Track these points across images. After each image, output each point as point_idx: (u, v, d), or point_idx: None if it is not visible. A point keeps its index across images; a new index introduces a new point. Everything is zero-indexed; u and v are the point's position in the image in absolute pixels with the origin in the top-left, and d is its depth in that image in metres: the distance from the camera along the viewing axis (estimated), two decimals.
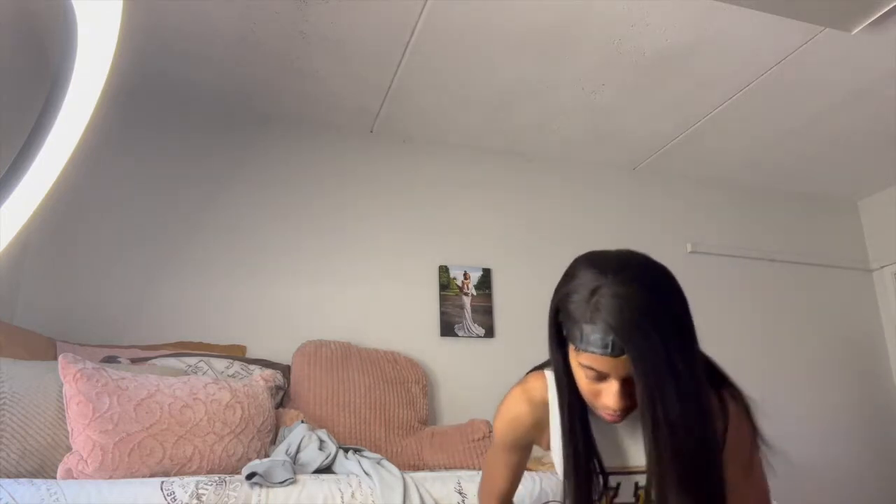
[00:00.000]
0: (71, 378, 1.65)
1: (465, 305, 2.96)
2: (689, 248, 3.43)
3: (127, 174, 2.66)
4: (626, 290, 0.96)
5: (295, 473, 1.63)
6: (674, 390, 0.94)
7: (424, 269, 2.97)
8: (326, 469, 1.82)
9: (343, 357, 2.51)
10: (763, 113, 2.95)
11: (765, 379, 3.32)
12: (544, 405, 1.19)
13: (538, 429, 1.21)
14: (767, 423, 3.12)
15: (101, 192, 2.58)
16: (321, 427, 2.14)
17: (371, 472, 1.70)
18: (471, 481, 1.73)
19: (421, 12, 2.28)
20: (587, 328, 0.96)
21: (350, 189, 2.98)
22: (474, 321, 2.94)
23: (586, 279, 1.00)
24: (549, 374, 1.18)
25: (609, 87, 2.74)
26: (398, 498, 1.62)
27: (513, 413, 1.22)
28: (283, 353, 2.53)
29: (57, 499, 1.38)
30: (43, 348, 2.08)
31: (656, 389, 0.94)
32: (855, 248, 3.83)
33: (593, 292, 0.97)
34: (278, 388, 2.28)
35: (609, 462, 1.14)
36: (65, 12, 0.63)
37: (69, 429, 1.63)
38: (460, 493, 1.67)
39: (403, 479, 1.69)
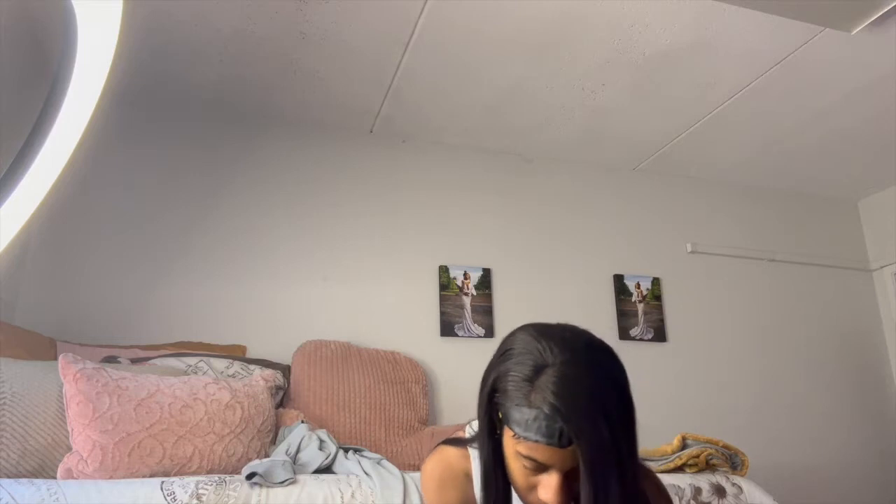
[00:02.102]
0: (71, 378, 1.65)
1: (465, 305, 2.96)
2: (689, 248, 3.43)
3: (127, 174, 2.66)
4: (576, 371, 0.87)
5: (295, 473, 1.63)
6: (618, 485, 0.85)
7: (424, 269, 2.97)
8: (326, 469, 1.82)
9: (343, 357, 2.52)
10: (763, 113, 2.95)
11: (764, 379, 3.32)
12: (468, 478, 1.09)
13: (468, 498, 1.09)
14: (767, 423, 3.14)
15: (101, 192, 2.58)
16: (321, 427, 2.14)
17: (371, 472, 1.70)
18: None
19: (421, 13, 2.28)
20: (530, 412, 0.86)
21: (350, 189, 2.98)
22: (474, 321, 2.94)
23: (529, 356, 0.90)
24: (474, 452, 1.07)
25: (609, 87, 2.74)
26: (398, 498, 1.62)
27: (437, 475, 1.11)
28: (283, 353, 2.53)
29: (57, 499, 1.38)
30: (43, 348, 2.08)
31: (602, 485, 0.84)
32: (855, 248, 3.83)
33: (538, 371, 0.88)
34: (278, 388, 2.28)
35: None
36: (65, 12, 0.63)
37: (69, 429, 1.63)
38: None
39: (403, 479, 1.69)
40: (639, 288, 3.24)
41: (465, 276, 3.00)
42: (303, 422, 2.06)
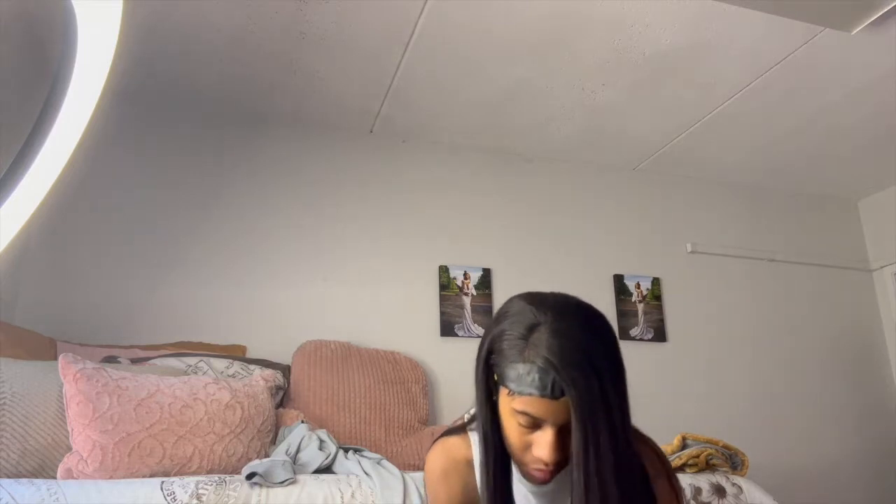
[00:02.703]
0: (71, 378, 1.65)
1: (465, 305, 2.96)
2: (689, 248, 3.43)
3: (127, 174, 2.66)
4: (567, 329, 0.91)
5: (295, 473, 1.63)
6: (608, 437, 0.88)
7: (424, 269, 2.97)
8: (326, 469, 1.82)
9: (343, 357, 2.52)
10: (763, 113, 2.95)
11: (764, 379, 3.32)
12: (468, 465, 1.11)
13: (469, 488, 1.11)
14: (767, 423, 3.14)
15: (101, 192, 2.58)
16: (321, 427, 2.14)
17: (371, 472, 1.70)
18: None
19: (421, 12, 2.28)
20: (524, 367, 0.89)
21: (350, 189, 2.98)
22: (474, 321, 2.94)
23: (522, 317, 0.94)
24: (473, 434, 1.10)
25: (609, 87, 2.74)
26: (398, 498, 1.62)
27: (439, 469, 1.13)
28: (283, 353, 2.53)
29: (57, 499, 1.38)
30: (43, 348, 2.08)
31: (593, 439, 0.87)
32: (855, 248, 3.83)
33: (531, 329, 0.91)
34: (278, 388, 2.28)
35: None
36: (65, 12, 0.63)
37: (69, 429, 1.63)
38: None
39: (403, 479, 1.69)
40: (639, 288, 3.24)
41: (465, 276, 3.00)
42: (303, 422, 2.06)
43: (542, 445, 0.92)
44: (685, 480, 1.91)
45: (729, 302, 3.40)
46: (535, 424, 0.92)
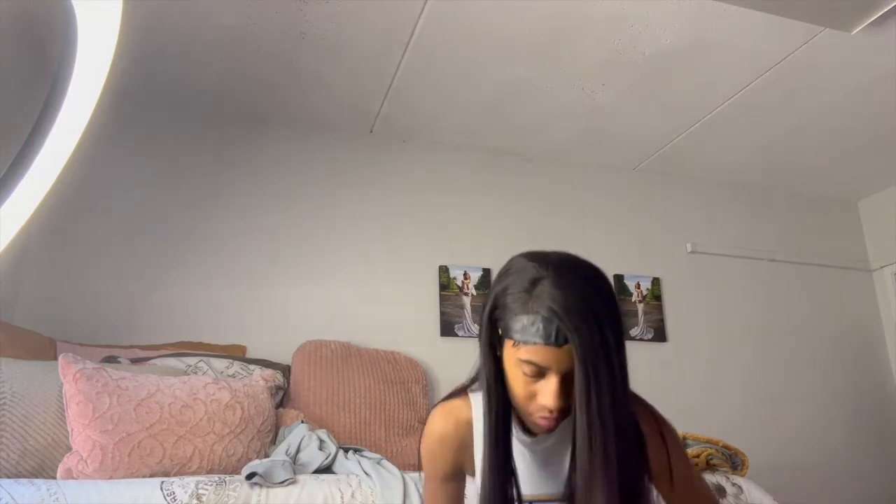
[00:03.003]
0: (71, 378, 1.65)
1: (465, 305, 2.96)
2: (689, 248, 3.43)
3: (127, 174, 2.66)
4: (568, 282, 0.95)
5: (295, 473, 1.63)
6: (608, 388, 0.92)
7: (424, 269, 2.97)
8: (326, 469, 1.82)
9: (343, 357, 2.51)
10: (763, 113, 2.95)
11: (764, 379, 3.32)
12: (468, 425, 1.14)
13: (465, 450, 1.15)
14: (768, 423, 3.13)
15: (101, 192, 2.58)
16: (321, 427, 2.14)
17: (371, 472, 1.70)
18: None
19: (420, 13, 2.28)
20: (528, 318, 0.94)
21: (350, 189, 2.97)
22: (474, 321, 2.94)
23: (525, 273, 0.98)
24: (474, 395, 1.14)
25: (609, 87, 2.74)
26: (398, 498, 1.62)
27: (438, 433, 1.16)
28: (283, 353, 2.53)
29: (57, 499, 1.38)
30: (43, 348, 2.08)
31: (594, 382, 0.92)
32: (855, 248, 3.83)
33: (534, 282, 0.96)
34: (278, 388, 2.28)
35: (526, 490, 1.08)
36: (65, 12, 0.63)
37: (69, 429, 1.63)
38: None
39: (403, 479, 1.69)
40: (639, 288, 3.24)
41: (465, 276, 3.00)
42: (303, 422, 2.06)
43: (547, 393, 0.96)
44: None
45: (729, 302, 3.40)
46: (539, 373, 0.96)
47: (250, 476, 1.56)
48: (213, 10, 2.24)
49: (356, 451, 1.91)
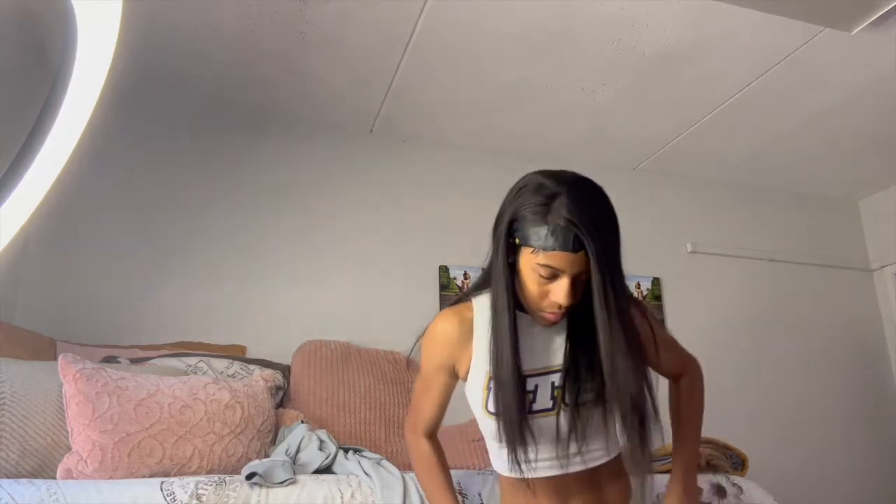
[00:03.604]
0: (71, 378, 1.65)
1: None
2: (689, 248, 3.43)
3: (127, 174, 2.66)
4: (583, 196, 1.13)
5: (295, 473, 1.63)
6: (618, 284, 1.13)
7: (424, 269, 2.97)
8: (326, 469, 1.82)
9: (343, 357, 2.51)
10: (763, 113, 2.95)
11: (765, 379, 3.32)
12: (470, 325, 1.30)
13: (463, 346, 1.30)
14: (768, 423, 3.11)
15: (100, 192, 2.58)
16: (321, 427, 2.14)
17: (371, 472, 1.70)
18: (471, 481, 1.73)
19: (420, 12, 2.28)
20: (547, 228, 1.10)
21: (350, 189, 2.97)
22: None
23: (542, 188, 1.13)
24: (477, 300, 1.31)
25: (609, 87, 2.74)
26: (398, 498, 1.62)
27: (443, 328, 1.32)
28: (283, 353, 2.52)
29: (57, 499, 1.38)
30: (43, 348, 2.08)
31: (609, 280, 1.10)
32: (855, 248, 3.83)
33: (552, 197, 1.11)
34: (278, 388, 2.27)
35: (526, 366, 1.22)
36: (65, 12, 0.63)
37: (69, 429, 1.63)
38: (461, 493, 1.67)
39: (403, 479, 1.69)
40: (639, 288, 3.24)
41: (465, 276, 3.00)
42: (303, 422, 2.06)
43: (559, 292, 1.13)
44: None
45: (729, 302, 3.40)
46: (553, 275, 1.13)
47: (250, 476, 1.56)
48: (214, 9, 2.24)
49: (356, 451, 1.91)
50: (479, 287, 1.33)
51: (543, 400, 1.25)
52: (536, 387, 1.25)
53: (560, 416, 1.23)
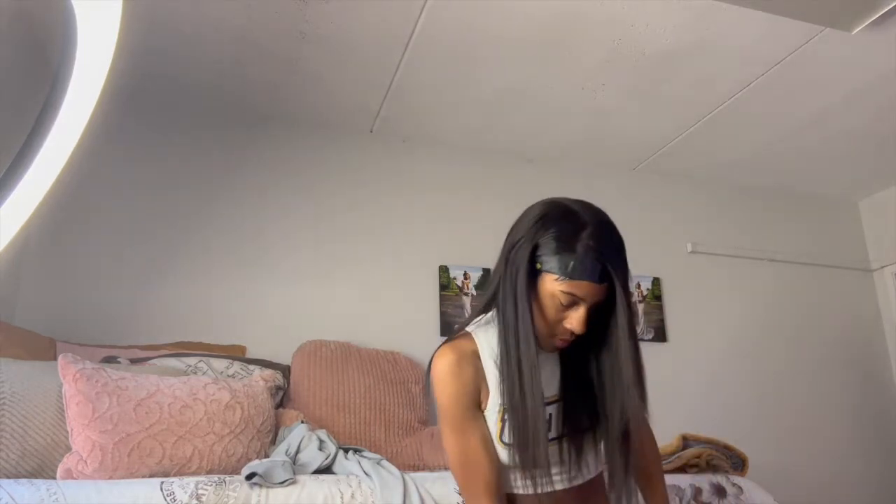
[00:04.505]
0: (70, 378, 1.65)
1: (465, 305, 2.95)
2: (689, 248, 3.43)
3: (127, 174, 2.66)
4: (606, 229, 1.19)
5: (295, 474, 1.63)
6: (633, 311, 1.19)
7: (424, 269, 2.97)
8: (326, 469, 1.82)
9: (343, 357, 2.51)
10: (763, 113, 2.95)
11: (764, 379, 3.32)
12: (475, 356, 1.24)
13: (480, 377, 1.23)
14: (768, 423, 3.11)
15: (100, 192, 2.58)
16: (321, 427, 2.14)
17: (371, 472, 1.70)
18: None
19: (420, 12, 2.28)
20: (575, 258, 1.14)
21: (350, 189, 2.97)
22: None
23: (568, 219, 1.18)
24: (477, 334, 1.27)
25: (609, 87, 2.74)
26: (398, 498, 1.62)
27: (457, 364, 1.22)
28: (283, 353, 2.52)
29: (57, 499, 1.38)
30: (43, 348, 2.08)
31: (628, 306, 1.17)
32: (855, 248, 3.83)
33: (582, 227, 1.16)
34: (278, 388, 2.27)
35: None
36: (65, 12, 0.63)
37: (69, 429, 1.63)
38: (460, 494, 1.67)
39: (403, 479, 1.69)
40: (639, 288, 3.24)
41: (465, 276, 3.00)
42: (302, 422, 2.06)
43: (576, 320, 1.16)
44: (686, 480, 1.91)
45: (729, 302, 3.40)
46: (574, 303, 1.16)
47: (250, 476, 1.56)
48: (214, 10, 2.24)
49: (356, 451, 1.91)
50: (475, 316, 1.31)
51: (553, 428, 1.25)
52: (551, 416, 1.24)
53: (564, 441, 1.25)
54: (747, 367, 3.31)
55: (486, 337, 1.24)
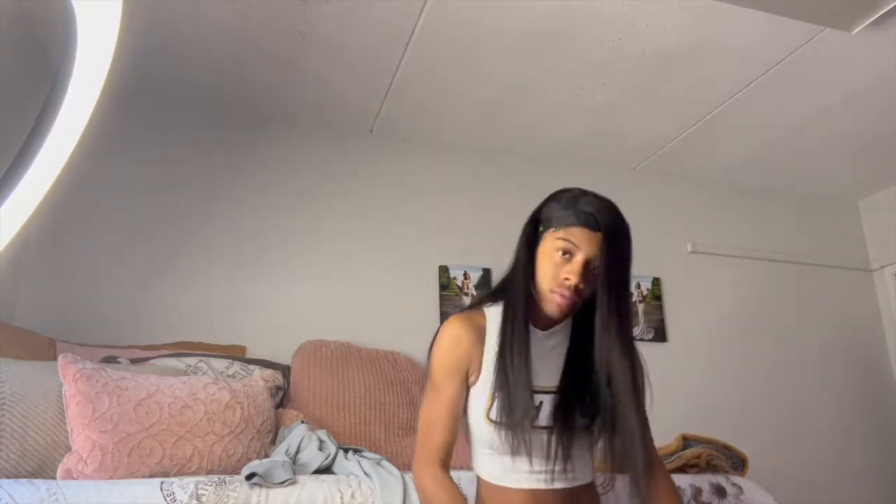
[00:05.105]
0: (70, 378, 1.65)
1: (465, 305, 2.95)
2: (689, 248, 3.43)
3: (127, 174, 2.66)
4: (609, 203, 1.27)
5: (295, 474, 1.63)
6: (625, 272, 1.26)
7: (424, 269, 2.97)
8: (326, 469, 1.82)
9: (343, 357, 2.51)
10: (763, 113, 2.95)
11: (764, 379, 3.32)
12: (482, 330, 1.32)
13: (477, 350, 1.30)
14: (768, 423, 3.11)
15: (101, 192, 2.58)
16: (321, 427, 2.14)
17: (371, 472, 1.70)
18: (471, 482, 1.73)
19: (420, 12, 2.28)
20: (573, 210, 1.24)
21: (350, 189, 2.97)
22: None
23: (572, 191, 1.29)
24: (489, 309, 1.35)
25: (609, 87, 2.74)
26: (398, 498, 1.62)
27: (456, 331, 1.32)
28: (283, 353, 2.52)
29: (57, 499, 1.38)
30: (43, 348, 2.08)
31: (615, 262, 1.22)
32: (855, 248, 3.83)
33: (579, 195, 1.27)
34: (278, 388, 2.27)
35: (537, 381, 1.26)
36: (65, 12, 0.63)
37: (69, 429, 1.63)
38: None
39: (403, 479, 1.69)
40: (639, 288, 3.24)
41: (465, 276, 3.00)
42: (302, 422, 2.05)
43: (571, 270, 1.22)
44: (686, 481, 1.91)
45: (729, 302, 3.40)
46: (569, 253, 1.23)
47: (250, 476, 1.56)
48: (214, 10, 2.24)
49: (356, 451, 1.91)
50: (490, 297, 1.37)
51: (544, 417, 1.28)
52: (542, 403, 1.29)
53: (553, 434, 1.27)
54: (747, 367, 3.31)
55: (496, 313, 1.32)
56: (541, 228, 1.29)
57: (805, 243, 3.69)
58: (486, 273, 3.03)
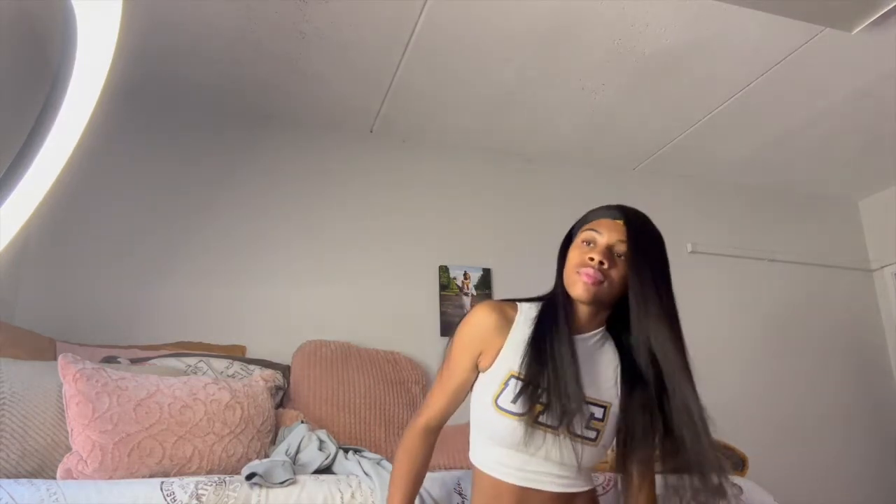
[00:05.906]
0: (70, 378, 1.65)
1: (465, 305, 2.96)
2: (689, 248, 3.43)
3: (126, 174, 2.66)
4: (637, 211, 1.37)
5: (295, 474, 1.63)
6: (656, 269, 1.31)
7: (424, 269, 2.97)
8: (326, 469, 1.82)
9: (343, 357, 2.51)
10: (763, 113, 2.95)
11: (764, 379, 3.32)
12: (509, 322, 1.34)
13: (497, 336, 1.32)
14: (768, 423, 3.11)
15: (100, 192, 2.58)
16: (321, 427, 2.14)
17: (371, 472, 1.70)
18: (471, 482, 1.73)
19: (421, 12, 2.28)
20: (597, 209, 1.36)
21: (350, 189, 2.97)
22: None
23: (602, 206, 1.38)
24: (522, 304, 1.38)
25: (609, 87, 2.74)
26: None
27: (484, 314, 1.35)
28: (283, 353, 2.52)
29: (57, 499, 1.38)
30: (43, 348, 2.08)
31: (640, 248, 1.29)
32: (855, 248, 3.83)
33: (610, 206, 1.36)
34: (278, 388, 2.27)
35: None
36: (65, 12, 0.63)
37: (69, 429, 1.63)
38: (460, 494, 1.67)
39: None
40: None
41: (465, 276, 3.00)
42: (302, 422, 2.05)
43: (594, 250, 1.28)
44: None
45: (729, 302, 3.40)
46: (592, 242, 1.29)
47: (250, 476, 1.56)
48: (214, 9, 2.24)
49: (356, 451, 1.91)
50: (527, 300, 1.41)
51: (579, 424, 1.28)
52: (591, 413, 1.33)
53: (561, 437, 1.26)
54: (747, 367, 3.31)
55: (529, 309, 1.35)
56: (572, 235, 1.37)
57: (805, 243, 3.69)
58: (486, 273, 3.03)
